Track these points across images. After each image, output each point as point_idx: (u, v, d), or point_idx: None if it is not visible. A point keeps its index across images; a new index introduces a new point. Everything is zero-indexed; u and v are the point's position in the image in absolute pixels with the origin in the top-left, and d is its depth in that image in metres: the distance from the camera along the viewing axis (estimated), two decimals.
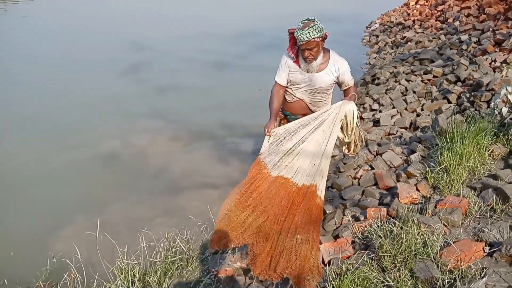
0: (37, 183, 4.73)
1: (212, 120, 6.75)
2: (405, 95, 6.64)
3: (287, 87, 3.56)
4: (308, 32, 3.07)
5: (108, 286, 2.85)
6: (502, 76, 5.26)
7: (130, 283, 2.88)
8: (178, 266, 3.14)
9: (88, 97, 7.57)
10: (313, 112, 3.51)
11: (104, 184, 4.68)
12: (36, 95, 7.57)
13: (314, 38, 3.10)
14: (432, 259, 2.56)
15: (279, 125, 3.59)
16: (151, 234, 3.25)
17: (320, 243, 3.22)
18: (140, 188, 4.59)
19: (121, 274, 3.00)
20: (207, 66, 10.00)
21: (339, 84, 3.50)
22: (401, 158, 4.60)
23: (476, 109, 5.21)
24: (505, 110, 4.15)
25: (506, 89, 4.27)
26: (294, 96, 3.58)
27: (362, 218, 3.52)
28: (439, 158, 3.85)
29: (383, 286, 2.48)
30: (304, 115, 3.50)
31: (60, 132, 6.04)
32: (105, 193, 4.49)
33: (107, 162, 5.20)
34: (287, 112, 3.73)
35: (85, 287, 3.01)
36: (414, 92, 6.61)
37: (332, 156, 5.29)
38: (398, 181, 4.12)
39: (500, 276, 2.28)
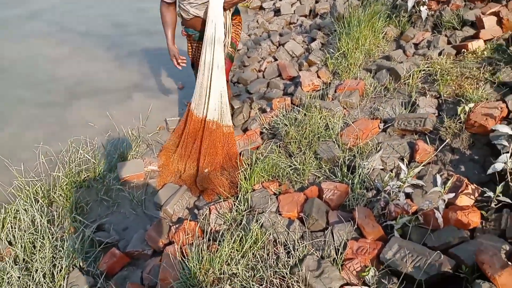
0: None
1: (98, 19, 6.07)
2: None
3: (175, 2, 3.00)
4: None
5: (8, 208, 2.64)
6: None
7: (33, 201, 2.70)
8: (85, 177, 2.99)
9: None
10: None
11: None
12: None
13: None
14: (334, 140, 2.71)
15: (187, 45, 3.24)
16: (48, 148, 2.99)
17: None
18: (30, 100, 4.08)
19: (21, 193, 2.80)
20: None
21: None
22: (302, 47, 4.64)
23: None
24: None
25: None
26: (189, 13, 2.99)
27: (268, 109, 3.58)
28: (338, 43, 3.93)
29: (291, 169, 2.61)
30: None
31: None
32: None
33: None
34: (189, 30, 3.13)
35: None
36: None
37: (237, 50, 5.19)
38: (300, 70, 4.19)
39: (393, 149, 2.50)
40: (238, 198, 2.43)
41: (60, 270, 2.23)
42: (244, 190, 2.51)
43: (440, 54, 3.29)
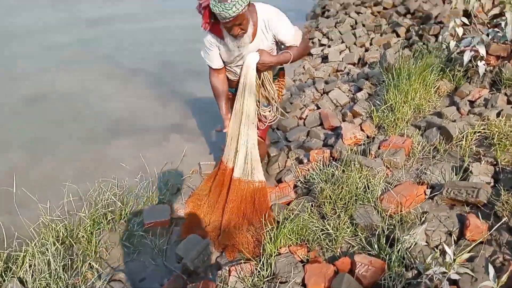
0: None
1: (149, 56, 6.23)
2: (355, 28, 6.39)
3: (225, 67, 2.87)
4: (234, 5, 2.30)
5: (32, 244, 2.57)
6: (452, 8, 5.08)
7: (50, 243, 2.62)
8: (110, 219, 2.90)
9: (12, 29, 6.74)
10: None
11: (25, 132, 4.16)
12: None
13: (242, 10, 2.37)
14: (373, 204, 2.46)
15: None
16: (75, 186, 2.95)
17: None
18: (73, 134, 4.14)
19: (46, 230, 2.74)
20: None
21: (280, 43, 2.78)
22: (347, 96, 4.46)
23: (424, 43, 5.07)
24: (452, 44, 4.01)
25: (455, 21, 4.10)
26: (236, 74, 2.88)
27: (305, 160, 3.39)
28: (385, 96, 3.71)
29: (322, 234, 2.37)
30: None
31: None
32: (26, 142, 3.98)
33: (32, 105, 4.66)
34: (233, 90, 3.00)
35: (5, 246, 2.72)
36: (363, 25, 6.37)
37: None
38: (343, 120, 4.00)
39: (440, 221, 2.22)
40: (261, 262, 2.22)
41: None
42: (268, 252, 2.30)
43: (498, 115, 2.98)
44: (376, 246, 2.17)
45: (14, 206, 2.83)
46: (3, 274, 2.46)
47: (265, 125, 3.07)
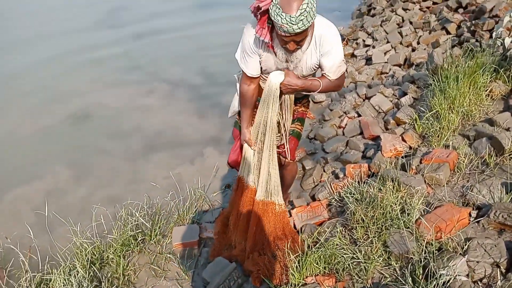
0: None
1: (192, 67, 6.24)
2: (401, 26, 6.02)
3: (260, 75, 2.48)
4: (301, 20, 1.93)
5: (60, 269, 2.60)
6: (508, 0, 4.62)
7: (85, 263, 2.65)
8: (139, 240, 2.88)
9: (55, 47, 7.06)
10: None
11: (65, 153, 4.27)
12: None
13: (310, 25, 2.00)
14: (409, 229, 2.23)
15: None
16: (104, 209, 2.96)
17: (293, 207, 2.92)
18: (110, 152, 4.22)
19: (78, 253, 2.77)
20: (188, 5, 9.26)
21: (319, 67, 2.38)
22: (391, 101, 4.18)
23: (477, 40, 4.65)
24: (508, 40, 3.62)
25: (511, 15, 3.70)
26: None
27: (341, 175, 3.19)
28: (431, 101, 3.42)
29: (353, 262, 2.18)
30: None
31: (25, 89, 5.64)
32: (65, 164, 4.09)
33: (74, 124, 4.80)
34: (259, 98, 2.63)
35: (39, 269, 2.78)
36: (410, 23, 5.98)
37: (319, 102, 4.90)
38: (386, 128, 3.76)
39: (485, 250, 1.95)
40: None
41: None
42: (292, 282, 2.14)
43: None
44: (410, 279, 1.95)
45: (46, 229, 2.88)
46: None
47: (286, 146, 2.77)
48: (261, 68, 2.40)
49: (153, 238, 2.91)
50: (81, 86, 5.71)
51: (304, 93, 2.46)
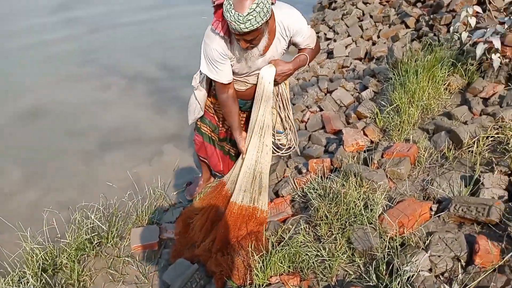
0: None
1: (150, 61, 6.05)
2: (362, 20, 6.07)
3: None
4: (248, 21, 1.93)
5: (8, 277, 2.43)
6: None
7: (36, 270, 2.48)
8: (95, 244, 2.73)
9: (6, 42, 6.66)
10: None
11: (15, 152, 3.99)
12: None
13: (259, 26, 1.99)
14: (373, 225, 2.21)
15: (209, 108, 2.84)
16: (57, 212, 2.79)
17: None
18: (58, 153, 3.97)
19: (28, 259, 2.59)
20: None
21: (293, 44, 2.48)
22: (352, 95, 4.20)
23: (435, 34, 4.74)
24: (464, 35, 3.69)
25: (467, 10, 3.78)
26: (247, 83, 2.55)
27: (304, 170, 3.15)
28: (391, 95, 3.44)
29: (317, 260, 2.15)
30: None
31: None
32: (15, 164, 3.84)
33: (26, 122, 4.52)
34: (242, 102, 2.70)
35: None
36: (371, 16, 6.04)
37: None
38: (348, 122, 3.75)
39: (446, 244, 1.96)
40: None
41: None
42: (257, 282, 2.08)
43: None
44: (374, 276, 1.93)
45: None
46: None
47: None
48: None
49: (110, 241, 2.77)
50: (33, 82, 5.39)
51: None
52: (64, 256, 2.61)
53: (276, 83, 2.44)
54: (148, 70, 5.82)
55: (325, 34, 6.33)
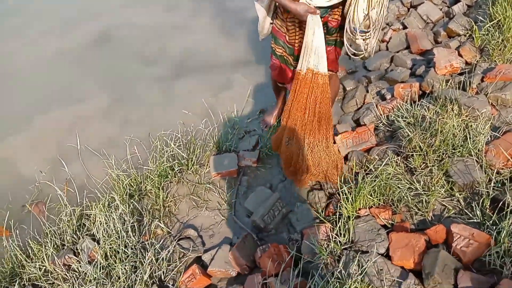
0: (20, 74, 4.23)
1: None
2: None
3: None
4: None
5: (100, 204, 2.54)
6: None
7: (124, 197, 2.59)
8: (176, 171, 2.78)
9: None
10: None
11: (87, 79, 4.01)
12: None
13: None
14: (475, 157, 2.01)
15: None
16: (139, 140, 2.82)
17: (336, 133, 2.71)
18: (132, 79, 3.94)
19: (115, 185, 2.70)
20: None
21: None
22: (441, 9, 3.73)
23: None
24: None
25: None
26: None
27: (389, 96, 2.92)
28: (491, 9, 3.01)
29: (411, 193, 2.02)
30: None
31: (45, 12, 5.31)
32: (88, 91, 3.85)
33: (96, 47, 4.49)
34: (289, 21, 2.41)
35: (77, 202, 2.75)
36: None
37: None
38: (436, 42, 3.39)
39: None
40: (338, 225, 1.96)
41: (139, 284, 2.08)
42: (345, 215, 2.01)
43: None
44: (478, 212, 1.78)
45: (80, 162, 2.79)
46: (77, 231, 2.49)
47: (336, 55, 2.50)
48: None
49: (191, 168, 2.79)
50: (100, 6, 5.31)
51: None
52: (148, 183, 2.68)
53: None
54: None
55: None
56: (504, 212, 1.67)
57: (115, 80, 3.96)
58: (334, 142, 2.60)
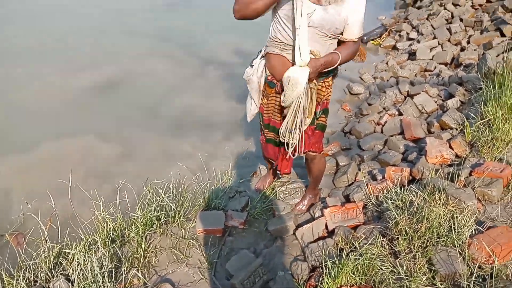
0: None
1: (225, 42, 6.03)
2: (450, 23, 5.69)
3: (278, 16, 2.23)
4: None
5: (81, 244, 2.50)
6: None
7: (106, 239, 2.55)
8: (162, 221, 2.76)
9: (85, 15, 6.92)
10: None
11: (90, 123, 4.12)
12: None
13: None
14: (458, 249, 2.05)
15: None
16: (130, 186, 2.84)
17: (325, 206, 2.75)
18: (132, 128, 4.04)
19: (99, 227, 2.67)
20: None
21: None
22: (436, 102, 3.94)
23: None
24: None
25: None
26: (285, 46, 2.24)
27: (379, 177, 3.00)
28: (482, 108, 3.18)
29: (393, 276, 2.02)
30: None
31: (57, 56, 5.52)
32: (89, 134, 3.94)
33: (100, 95, 4.65)
34: (271, 83, 2.46)
35: (58, 239, 2.70)
36: (461, 20, 5.64)
37: (356, 94, 4.69)
38: (429, 131, 3.53)
39: None
40: None
41: None
42: None
43: None
44: None
45: (69, 200, 2.78)
46: (52, 269, 2.42)
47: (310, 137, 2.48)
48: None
49: (177, 221, 2.78)
50: (111, 55, 5.55)
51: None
52: (132, 230, 2.65)
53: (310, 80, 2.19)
54: (222, 53, 5.81)
55: (408, 33, 6.01)
56: None
57: (116, 126, 4.05)
58: (322, 215, 2.65)
